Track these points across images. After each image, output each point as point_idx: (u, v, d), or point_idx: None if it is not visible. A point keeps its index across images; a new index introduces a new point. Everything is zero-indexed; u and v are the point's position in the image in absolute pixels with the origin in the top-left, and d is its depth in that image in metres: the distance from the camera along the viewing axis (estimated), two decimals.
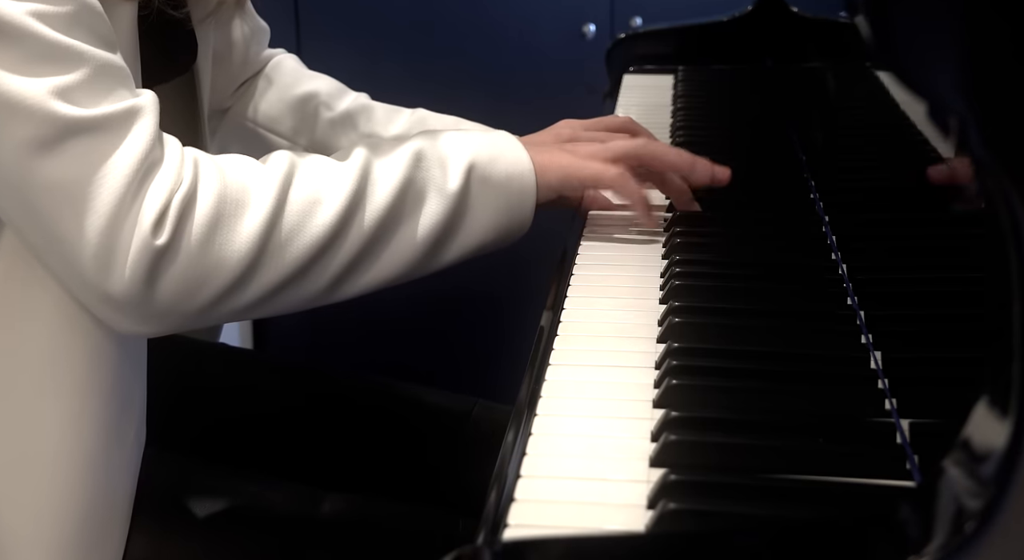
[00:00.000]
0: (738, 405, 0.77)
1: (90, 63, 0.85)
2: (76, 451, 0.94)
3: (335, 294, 0.95)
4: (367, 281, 0.95)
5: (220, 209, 0.88)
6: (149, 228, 0.85)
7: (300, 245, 0.90)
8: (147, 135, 0.86)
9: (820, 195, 1.15)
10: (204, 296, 0.88)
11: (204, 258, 0.87)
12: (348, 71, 1.37)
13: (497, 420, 1.20)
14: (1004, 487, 0.54)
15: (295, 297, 0.93)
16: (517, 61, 2.15)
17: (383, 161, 0.95)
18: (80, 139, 0.84)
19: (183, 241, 0.86)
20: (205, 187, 0.88)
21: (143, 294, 0.86)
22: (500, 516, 0.65)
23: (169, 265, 0.86)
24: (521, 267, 1.90)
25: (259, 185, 0.90)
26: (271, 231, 0.89)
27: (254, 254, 0.89)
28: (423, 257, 0.96)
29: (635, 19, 2.11)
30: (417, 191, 0.95)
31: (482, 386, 1.40)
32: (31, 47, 0.82)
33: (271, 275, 0.90)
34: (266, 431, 1.22)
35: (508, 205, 0.99)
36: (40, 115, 0.82)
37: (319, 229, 0.91)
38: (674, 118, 1.47)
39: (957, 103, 0.54)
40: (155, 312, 0.88)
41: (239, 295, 0.90)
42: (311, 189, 0.91)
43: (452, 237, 0.97)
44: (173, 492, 1.05)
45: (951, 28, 0.54)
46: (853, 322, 0.86)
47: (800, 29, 1.62)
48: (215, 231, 0.87)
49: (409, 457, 1.20)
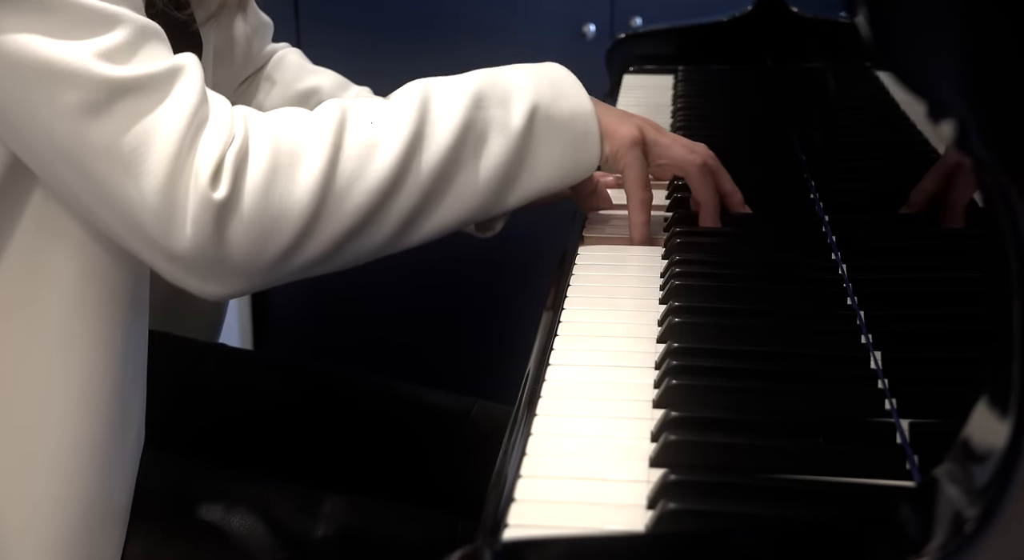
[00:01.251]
0: (738, 405, 0.77)
1: (128, 24, 0.85)
2: (78, 452, 0.94)
3: (402, 241, 0.93)
4: (433, 226, 0.94)
5: (276, 160, 0.87)
6: (207, 182, 0.84)
7: (361, 191, 0.89)
8: (194, 91, 0.86)
9: (820, 195, 1.15)
10: (272, 250, 0.87)
11: (266, 209, 0.86)
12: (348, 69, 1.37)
13: (496, 420, 1.20)
14: (1004, 487, 0.54)
15: (362, 247, 0.91)
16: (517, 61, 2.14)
17: (441, 101, 0.94)
18: (128, 99, 0.83)
19: (242, 193, 0.85)
20: (258, 140, 0.87)
21: (211, 251, 0.85)
22: (500, 516, 0.65)
23: (232, 218, 0.85)
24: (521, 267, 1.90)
25: (313, 134, 0.89)
26: (330, 179, 0.88)
27: (316, 202, 0.87)
28: (488, 199, 0.95)
29: (635, 19, 2.11)
30: (479, 131, 0.94)
31: (482, 386, 1.40)
32: (68, 12, 0.82)
33: (336, 223, 0.89)
34: (264, 431, 1.22)
35: (573, 145, 0.98)
36: (86, 78, 0.82)
37: (379, 173, 0.89)
38: (674, 118, 1.47)
39: (957, 103, 0.54)
40: (227, 269, 0.87)
41: (307, 247, 0.88)
42: (367, 134, 0.90)
43: (517, 179, 0.96)
44: (172, 493, 1.05)
45: (951, 28, 0.54)
46: (853, 322, 0.86)
47: (800, 29, 1.62)
48: (274, 182, 0.86)
49: (408, 457, 1.20)
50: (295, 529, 1.05)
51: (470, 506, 1.05)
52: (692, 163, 1.04)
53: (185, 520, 1.04)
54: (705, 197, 1.05)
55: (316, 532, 1.04)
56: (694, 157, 1.04)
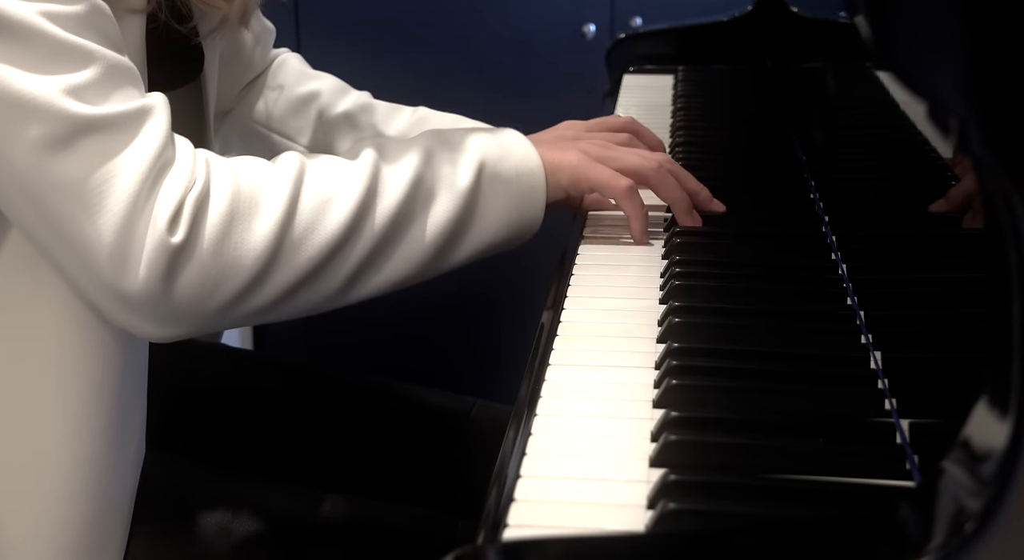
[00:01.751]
0: (738, 405, 0.77)
1: (101, 62, 0.85)
2: (80, 456, 0.94)
3: (348, 295, 0.94)
4: (380, 281, 0.94)
5: (234, 208, 0.87)
6: (164, 226, 0.84)
7: (314, 243, 0.90)
8: (159, 133, 0.86)
9: (820, 195, 1.15)
10: (221, 296, 0.88)
11: (220, 257, 0.86)
12: (348, 71, 1.36)
13: (496, 420, 1.20)
14: (1004, 487, 0.54)
15: (309, 299, 0.92)
16: (517, 61, 2.15)
17: (393, 159, 0.95)
18: (92, 137, 0.83)
19: (199, 239, 0.85)
20: (218, 186, 0.87)
21: (160, 294, 0.85)
22: (500, 516, 0.65)
23: (186, 264, 0.85)
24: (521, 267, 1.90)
25: (272, 184, 0.90)
26: (286, 230, 0.89)
27: (270, 253, 0.88)
28: (435, 256, 0.96)
29: (635, 19, 2.11)
30: (427, 189, 0.95)
31: (482, 386, 1.40)
32: (42, 46, 0.82)
33: (286, 274, 0.89)
34: (264, 432, 1.22)
35: (519, 202, 0.99)
36: (52, 114, 0.82)
37: (333, 227, 0.90)
38: (674, 118, 1.47)
39: (957, 103, 0.54)
40: (172, 313, 0.87)
41: (255, 296, 0.89)
42: (323, 188, 0.91)
43: (463, 235, 0.97)
44: (172, 494, 1.05)
45: (951, 28, 0.54)
46: (853, 322, 0.86)
47: (800, 29, 1.62)
48: (230, 230, 0.87)
49: (408, 457, 1.20)
50: (295, 529, 1.05)
51: (470, 506, 1.05)
52: (647, 168, 1.04)
53: (185, 521, 1.04)
54: (671, 197, 1.05)
55: (316, 532, 1.04)
56: (649, 163, 1.05)
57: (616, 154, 1.05)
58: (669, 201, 1.06)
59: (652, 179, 1.05)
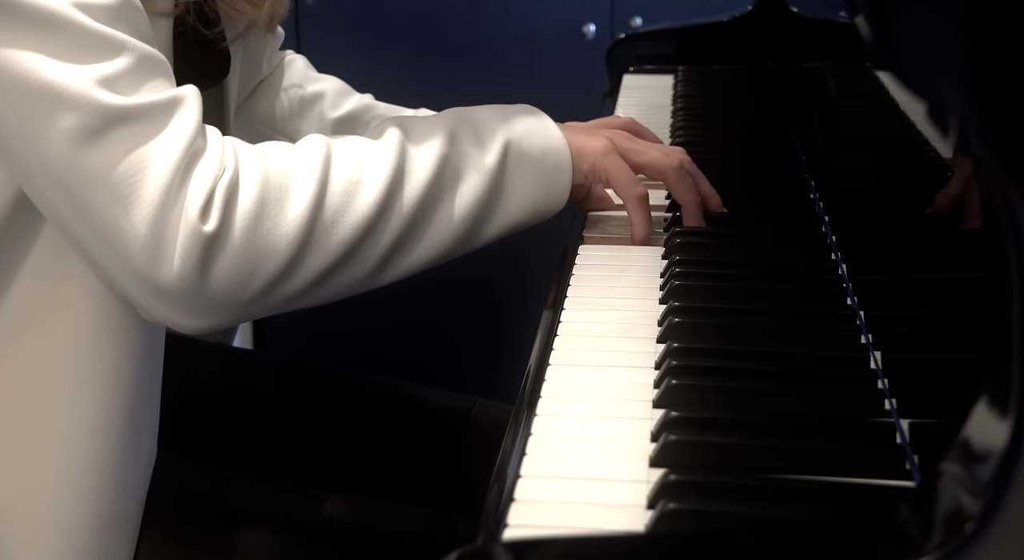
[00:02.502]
0: (738, 405, 0.77)
1: (132, 52, 0.85)
2: (93, 460, 0.94)
3: (381, 276, 0.94)
4: (412, 261, 0.94)
5: (265, 194, 0.87)
6: (196, 215, 0.83)
7: (346, 226, 0.89)
8: (191, 123, 0.86)
9: (820, 195, 1.15)
10: (256, 284, 0.87)
11: (254, 243, 0.86)
12: (348, 71, 1.37)
13: (497, 419, 1.20)
14: (1004, 487, 0.54)
15: (343, 282, 0.92)
16: (517, 61, 2.15)
17: (419, 139, 0.95)
18: (124, 127, 0.83)
19: (231, 227, 0.85)
20: (248, 173, 0.87)
21: (195, 283, 0.85)
22: (500, 516, 0.65)
23: (220, 252, 0.85)
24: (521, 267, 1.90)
25: (301, 168, 0.89)
26: (317, 213, 0.88)
27: (302, 237, 0.87)
28: (464, 235, 0.96)
29: (635, 19, 2.11)
30: (455, 168, 0.95)
31: (482, 386, 1.40)
32: (74, 37, 0.82)
33: (320, 258, 0.89)
34: (266, 431, 1.22)
35: (545, 180, 0.99)
36: (85, 104, 0.82)
37: (363, 209, 0.90)
38: (674, 118, 1.47)
39: (957, 104, 0.54)
40: (208, 303, 0.86)
41: (290, 281, 0.88)
42: (352, 169, 0.91)
43: (492, 213, 0.97)
44: (175, 493, 1.05)
45: (951, 28, 0.54)
46: (853, 322, 0.86)
47: (800, 29, 1.62)
48: (262, 216, 0.86)
49: (410, 456, 1.21)
50: (297, 528, 1.05)
51: (472, 505, 1.06)
52: (668, 166, 1.05)
53: (188, 520, 1.04)
54: (685, 198, 1.06)
55: (318, 531, 1.05)
56: (670, 160, 1.05)
57: (640, 147, 1.05)
58: (682, 202, 1.06)
59: (671, 177, 1.05)
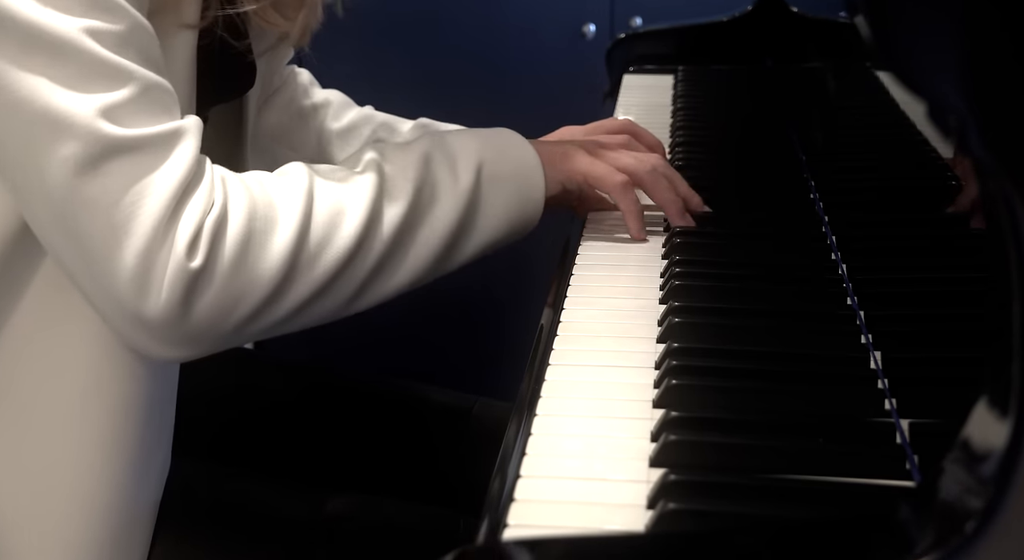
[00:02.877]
0: (738, 405, 0.77)
1: (137, 82, 0.85)
2: (106, 476, 0.94)
3: (359, 303, 0.95)
4: (390, 287, 0.95)
5: (251, 227, 0.87)
6: (184, 251, 0.84)
7: (329, 256, 0.90)
8: (188, 157, 0.86)
9: (820, 195, 1.15)
10: (238, 316, 0.88)
11: (238, 278, 0.87)
12: (347, 71, 1.37)
13: (498, 417, 1.20)
14: (1004, 487, 0.54)
15: (323, 309, 0.92)
16: (517, 61, 2.15)
17: (395, 166, 0.96)
18: (123, 158, 0.83)
19: (217, 262, 0.86)
20: (235, 207, 0.87)
21: (179, 317, 0.85)
22: (500, 516, 0.65)
23: (205, 287, 0.86)
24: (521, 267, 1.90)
25: (285, 200, 0.90)
26: (301, 245, 0.89)
27: (286, 270, 0.88)
28: (440, 257, 0.97)
29: (635, 19, 2.11)
30: (430, 193, 0.96)
31: (483, 385, 1.40)
32: (81, 64, 0.82)
33: (302, 289, 0.90)
34: (266, 430, 1.22)
35: (519, 199, 1.00)
36: (86, 133, 0.82)
37: (345, 239, 0.91)
38: (674, 118, 1.47)
39: (957, 104, 0.54)
40: (189, 335, 0.87)
41: (271, 312, 0.89)
42: (333, 200, 0.91)
43: (467, 235, 0.98)
44: (176, 494, 1.05)
45: (951, 28, 0.54)
46: (853, 322, 0.86)
47: (800, 29, 1.62)
48: (247, 250, 0.87)
49: (411, 455, 1.21)
50: (298, 527, 1.05)
51: (473, 503, 1.06)
52: (641, 170, 1.05)
53: (189, 520, 1.04)
54: (663, 199, 1.06)
55: (319, 530, 1.05)
56: (643, 164, 1.06)
57: (612, 153, 1.06)
58: (661, 203, 1.07)
59: (645, 180, 1.06)
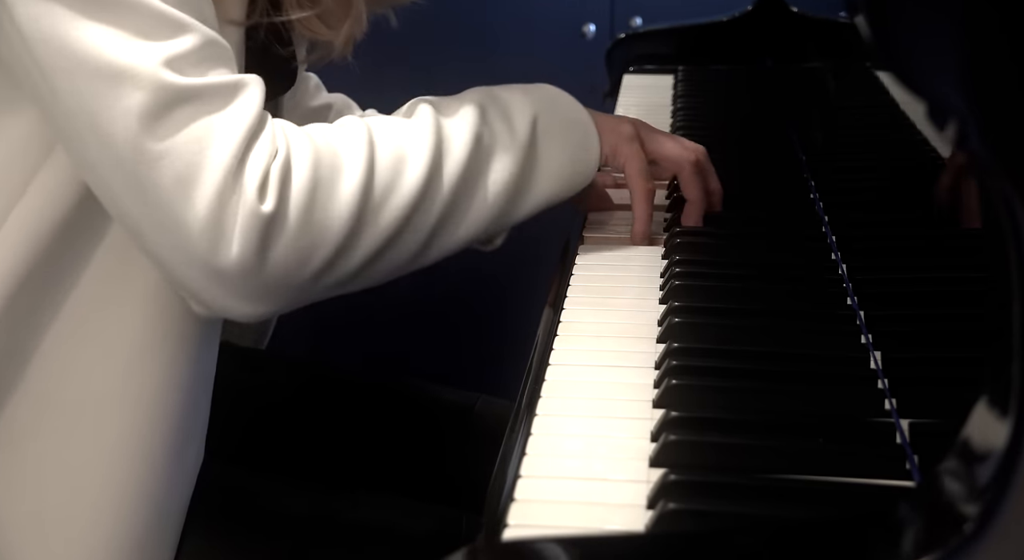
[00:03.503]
0: (738, 405, 0.77)
1: (198, 34, 0.85)
2: (139, 461, 0.95)
3: (426, 256, 0.94)
4: (451, 240, 0.94)
5: (317, 174, 0.87)
6: (254, 196, 0.83)
7: (395, 203, 0.90)
8: (253, 106, 0.86)
9: (820, 195, 1.15)
10: (313, 264, 0.87)
11: (310, 223, 0.86)
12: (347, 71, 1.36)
13: (500, 415, 1.20)
14: (1004, 487, 0.54)
15: (392, 261, 0.92)
16: (517, 61, 2.15)
17: (451, 118, 0.95)
18: (188, 107, 0.83)
19: (288, 208, 0.85)
20: (299, 154, 0.87)
21: (255, 266, 0.85)
22: (500, 516, 0.65)
23: (278, 234, 0.85)
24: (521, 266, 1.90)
25: (348, 148, 0.89)
26: (368, 192, 0.88)
27: (355, 216, 0.88)
28: (501, 210, 0.96)
29: (635, 19, 2.11)
30: (488, 146, 0.96)
31: (484, 384, 1.40)
32: (141, 16, 0.82)
33: (372, 237, 0.89)
34: (267, 426, 1.22)
35: (574, 151, 1.00)
36: (151, 83, 0.82)
37: (410, 186, 0.90)
38: (674, 118, 1.47)
39: (957, 104, 0.54)
40: (267, 285, 0.86)
41: (344, 262, 0.88)
42: (395, 147, 0.91)
43: (526, 188, 0.98)
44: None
45: (951, 28, 0.54)
46: (853, 322, 0.86)
47: (800, 29, 1.62)
48: (315, 195, 0.86)
49: (412, 452, 1.21)
50: (299, 524, 1.05)
51: (475, 500, 1.06)
52: (687, 160, 1.06)
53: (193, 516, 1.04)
54: (693, 195, 1.06)
55: (321, 526, 1.05)
56: (688, 154, 1.06)
57: (661, 137, 1.07)
58: (689, 198, 1.06)
59: (686, 171, 1.06)
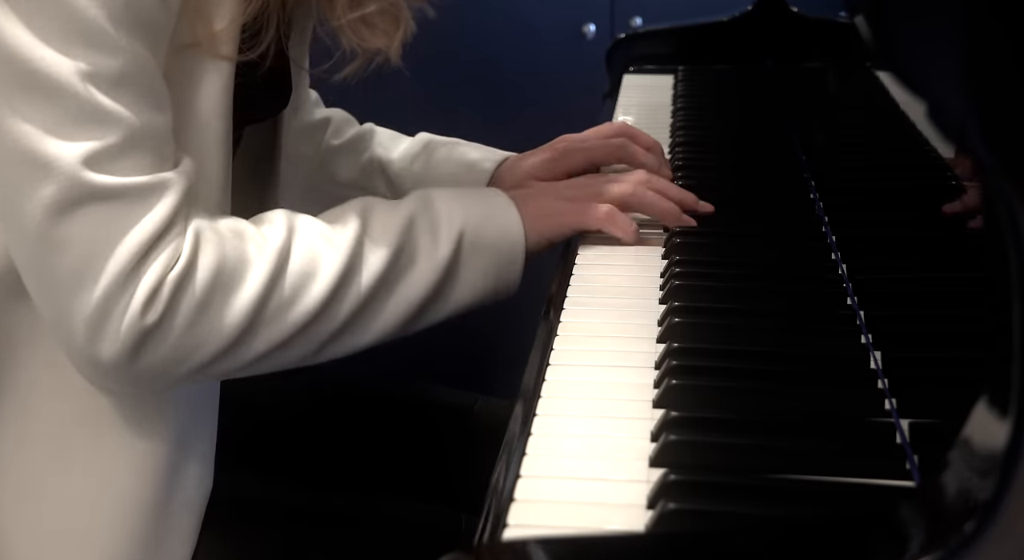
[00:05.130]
0: (738, 405, 0.77)
1: (127, 128, 0.85)
2: (138, 493, 0.95)
3: (320, 356, 0.95)
4: (355, 343, 0.96)
5: (216, 282, 0.88)
6: (140, 307, 0.85)
7: (291, 317, 0.91)
8: (164, 211, 0.86)
9: (820, 195, 1.15)
10: (189, 366, 0.89)
11: (192, 336, 0.88)
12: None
13: (499, 416, 1.20)
14: (1004, 487, 0.54)
15: (280, 360, 0.93)
16: (517, 61, 2.15)
17: (377, 227, 0.95)
18: (98, 205, 0.84)
19: (174, 320, 0.87)
20: (204, 262, 0.88)
21: (128, 364, 0.87)
22: (500, 516, 0.65)
23: (157, 343, 0.87)
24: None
25: (257, 256, 0.90)
26: (264, 304, 0.89)
27: (244, 327, 0.89)
28: (410, 320, 0.97)
29: (635, 19, 2.11)
30: (407, 258, 0.96)
31: (483, 384, 1.40)
32: (73, 108, 0.83)
33: (261, 343, 0.91)
34: (267, 429, 1.22)
35: (497, 267, 0.99)
36: (68, 178, 0.83)
37: (311, 302, 0.91)
38: (674, 118, 1.47)
39: (957, 103, 0.54)
40: (138, 379, 0.89)
41: (228, 361, 0.90)
42: (306, 261, 0.91)
43: (441, 300, 0.98)
44: None
45: (951, 28, 0.54)
46: (853, 322, 0.86)
47: (800, 29, 1.62)
48: (207, 307, 0.88)
49: (412, 453, 1.21)
50: (296, 526, 1.05)
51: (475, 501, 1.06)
52: (626, 193, 1.04)
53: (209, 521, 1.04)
54: (657, 211, 1.05)
55: (321, 528, 1.05)
56: (625, 186, 1.05)
57: (593, 190, 1.05)
58: (657, 216, 1.06)
59: (633, 202, 1.05)
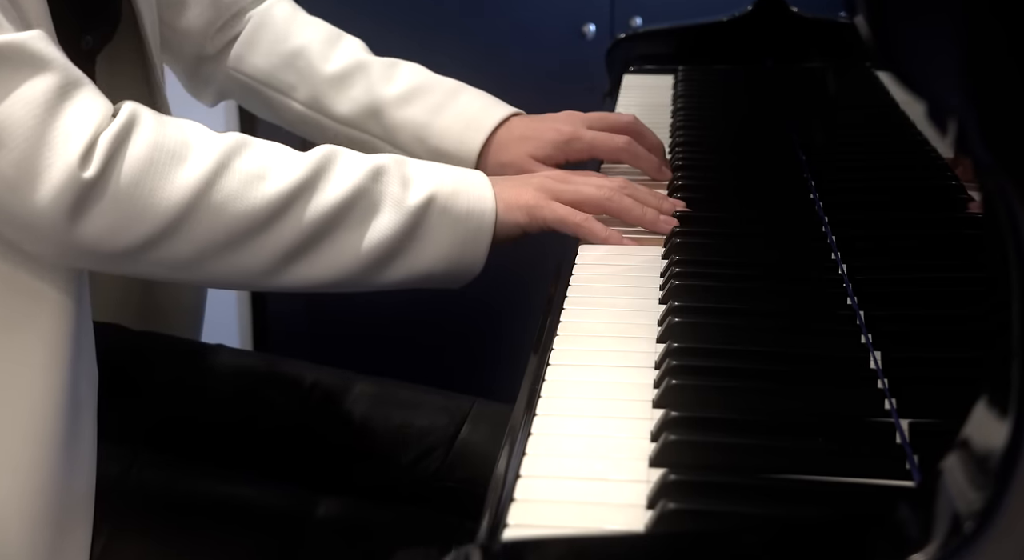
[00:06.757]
0: (738, 405, 0.77)
1: None
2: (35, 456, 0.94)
3: (273, 279, 0.95)
4: (305, 275, 0.96)
5: (154, 155, 0.89)
6: (76, 160, 0.86)
7: (235, 212, 0.91)
8: (52, 55, 0.87)
9: (820, 195, 1.15)
10: (128, 239, 0.89)
11: (132, 200, 0.88)
12: None
13: (496, 419, 1.20)
14: (1004, 487, 0.54)
15: (228, 268, 0.94)
16: (517, 61, 2.15)
17: (343, 165, 0.96)
18: None
19: (111, 178, 0.88)
20: (141, 132, 0.90)
21: (65, 224, 0.87)
22: (500, 516, 0.65)
23: (96, 200, 0.87)
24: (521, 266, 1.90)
25: (202, 145, 0.92)
26: (206, 190, 0.90)
27: (185, 207, 0.90)
28: (367, 267, 0.96)
29: (635, 19, 2.11)
30: (372, 201, 0.96)
31: (482, 386, 1.40)
32: None
33: (201, 234, 0.91)
34: (260, 432, 1.22)
35: (463, 239, 0.99)
36: None
37: (257, 202, 0.92)
38: (674, 118, 1.47)
39: (957, 104, 0.54)
40: (75, 245, 0.89)
41: (166, 247, 0.91)
42: (258, 164, 0.93)
43: (400, 255, 0.97)
44: (166, 494, 1.05)
45: (951, 28, 0.54)
46: (853, 322, 0.86)
47: (800, 29, 1.62)
48: (146, 175, 0.89)
49: (407, 457, 1.20)
50: (292, 531, 1.05)
51: (472, 505, 1.06)
52: (602, 198, 1.04)
53: (178, 521, 1.04)
54: (634, 218, 1.05)
55: (311, 534, 1.04)
56: (602, 192, 1.04)
57: (572, 186, 1.04)
58: (634, 223, 1.05)
59: (609, 208, 1.04)
